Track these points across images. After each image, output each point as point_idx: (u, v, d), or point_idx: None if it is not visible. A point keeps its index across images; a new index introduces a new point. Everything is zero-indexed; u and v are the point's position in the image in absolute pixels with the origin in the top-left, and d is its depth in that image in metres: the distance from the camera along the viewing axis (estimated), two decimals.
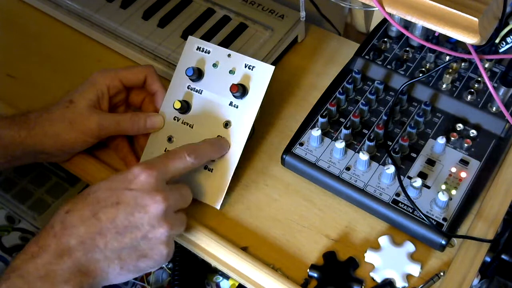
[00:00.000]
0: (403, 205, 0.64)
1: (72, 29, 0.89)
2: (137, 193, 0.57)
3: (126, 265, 0.57)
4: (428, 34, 0.75)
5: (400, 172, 0.67)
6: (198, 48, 0.72)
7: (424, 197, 0.65)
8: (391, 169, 0.65)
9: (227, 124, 0.69)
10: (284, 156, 0.70)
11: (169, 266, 0.76)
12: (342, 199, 0.69)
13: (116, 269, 0.56)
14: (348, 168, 0.68)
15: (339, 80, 0.75)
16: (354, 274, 0.64)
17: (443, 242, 0.62)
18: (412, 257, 0.64)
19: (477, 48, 0.59)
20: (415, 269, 0.63)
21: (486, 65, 0.73)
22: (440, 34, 0.73)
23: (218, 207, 0.69)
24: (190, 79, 0.71)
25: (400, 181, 0.64)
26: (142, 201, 0.57)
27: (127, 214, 0.56)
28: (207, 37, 0.83)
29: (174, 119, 0.71)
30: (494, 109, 0.70)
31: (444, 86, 0.73)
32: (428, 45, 0.64)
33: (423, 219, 0.62)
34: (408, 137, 0.69)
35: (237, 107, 0.69)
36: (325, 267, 0.64)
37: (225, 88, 0.69)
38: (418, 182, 0.64)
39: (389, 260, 0.64)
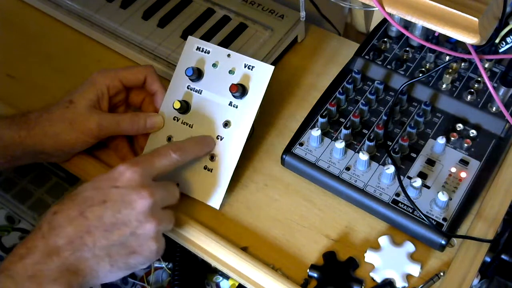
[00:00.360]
0: (403, 205, 0.64)
1: (72, 29, 0.89)
2: (123, 190, 0.57)
3: (116, 263, 0.57)
4: (428, 34, 0.75)
5: (400, 172, 0.67)
6: (198, 48, 0.72)
7: (424, 197, 0.65)
8: (391, 169, 0.65)
9: (226, 124, 0.69)
10: (284, 156, 0.70)
11: (169, 266, 0.76)
12: (342, 199, 0.69)
13: (106, 267, 0.56)
14: (348, 168, 0.68)
15: (339, 80, 0.75)
16: (354, 274, 0.64)
17: (443, 242, 0.62)
18: (412, 257, 0.64)
19: (477, 48, 0.59)
20: (415, 269, 0.63)
21: (486, 65, 0.73)
22: (440, 34, 0.73)
23: (218, 207, 0.69)
24: (190, 79, 0.71)
25: (400, 181, 0.64)
26: (128, 197, 0.57)
27: (114, 211, 0.56)
28: (207, 37, 0.83)
29: (174, 119, 0.71)
30: (494, 109, 0.70)
31: (444, 86, 0.72)
32: (428, 45, 0.64)
33: (423, 219, 0.62)
34: (408, 137, 0.69)
35: (236, 107, 0.69)
36: (325, 267, 0.64)
37: (225, 88, 0.69)
38: (418, 182, 0.64)
39: (389, 260, 0.64)
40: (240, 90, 0.68)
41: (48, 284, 0.53)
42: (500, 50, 0.59)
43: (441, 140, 0.67)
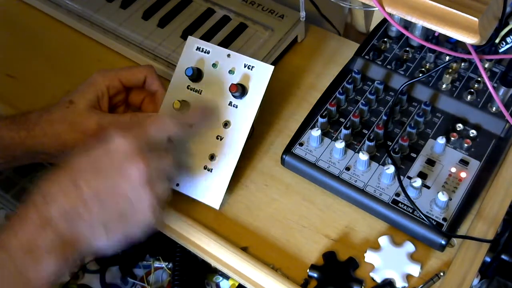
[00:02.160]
0: (403, 205, 0.64)
1: (72, 29, 0.89)
2: (118, 159, 0.56)
3: (112, 233, 0.56)
4: (428, 34, 0.75)
5: (400, 172, 0.67)
6: (198, 48, 0.72)
7: (424, 197, 0.65)
8: (391, 169, 0.65)
9: (226, 124, 0.69)
10: (284, 156, 0.70)
11: (169, 266, 0.76)
12: (342, 199, 0.69)
13: (102, 237, 0.55)
14: (348, 168, 0.68)
15: (339, 80, 0.75)
16: (354, 274, 0.64)
17: (443, 242, 0.62)
18: (412, 257, 0.64)
19: (477, 48, 0.59)
20: (415, 269, 0.63)
21: (486, 65, 0.73)
22: (440, 34, 0.73)
23: (218, 207, 0.69)
24: (190, 79, 0.71)
25: (400, 181, 0.64)
26: (122, 166, 0.56)
27: (108, 180, 0.55)
28: (207, 37, 0.83)
29: None
30: (494, 109, 0.70)
31: (444, 86, 0.72)
32: (428, 45, 0.64)
33: (423, 219, 0.62)
34: (408, 137, 0.69)
35: (236, 107, 0.69)
36: (325, 267, 0.64)
37: (225, 88, 0.69)
38: (418, 182, 0.64)
39: (389, 260, 0.64)
40: (240, 90, 0.68)
41: (43, 256, 0.52)
42: (500, 50, 0.59)
43: (441, 140, 0.67)
